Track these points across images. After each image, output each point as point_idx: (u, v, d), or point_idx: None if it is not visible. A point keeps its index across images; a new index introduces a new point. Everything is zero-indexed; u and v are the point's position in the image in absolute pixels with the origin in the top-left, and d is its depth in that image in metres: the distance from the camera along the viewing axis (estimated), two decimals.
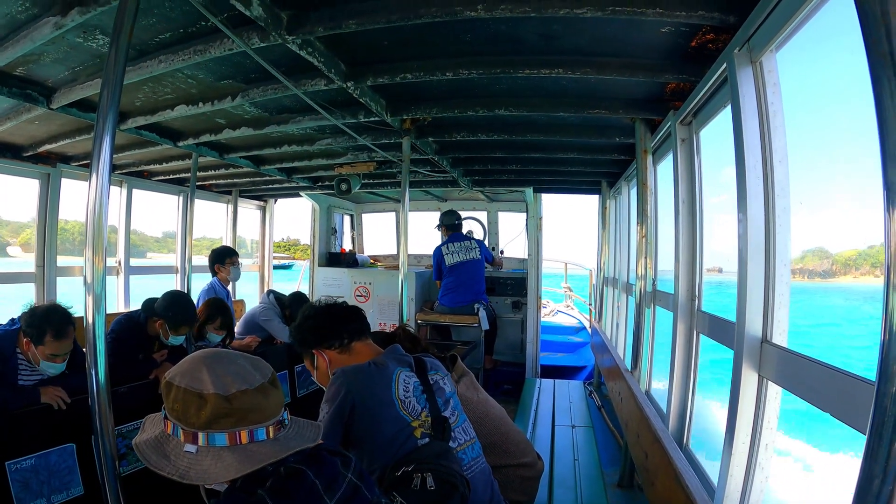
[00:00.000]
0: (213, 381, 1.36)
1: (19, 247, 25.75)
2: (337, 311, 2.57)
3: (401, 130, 4.48)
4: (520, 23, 2.77)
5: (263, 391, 1.41)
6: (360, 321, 2.58)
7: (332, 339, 2.49)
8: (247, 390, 1.37)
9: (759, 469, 2.24)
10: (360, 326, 2.56)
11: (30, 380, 3.31)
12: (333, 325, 2.51)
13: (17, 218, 13.43)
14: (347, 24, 2.61)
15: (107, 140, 1.93)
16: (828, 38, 2.19)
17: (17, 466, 2.82)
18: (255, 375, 1.42)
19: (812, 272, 23.79)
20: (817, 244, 24.10)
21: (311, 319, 2.55)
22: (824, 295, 29.99)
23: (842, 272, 23.74)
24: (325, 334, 2.50)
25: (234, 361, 1.46)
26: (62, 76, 3.58)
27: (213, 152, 5.70)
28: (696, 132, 3.38)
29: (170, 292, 4.36)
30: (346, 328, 2.50)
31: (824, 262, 23.39)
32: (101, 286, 1.96)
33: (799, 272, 24.65)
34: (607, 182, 7.18)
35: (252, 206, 9.63)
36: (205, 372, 1.39)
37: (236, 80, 3.66)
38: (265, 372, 1.46)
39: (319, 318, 2.54)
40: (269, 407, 1.41)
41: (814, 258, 23.43)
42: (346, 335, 2.49)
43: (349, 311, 2.59)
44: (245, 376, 1.41)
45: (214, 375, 1.38)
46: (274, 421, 1.41)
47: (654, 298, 4.19)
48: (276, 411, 1.43)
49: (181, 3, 2.55)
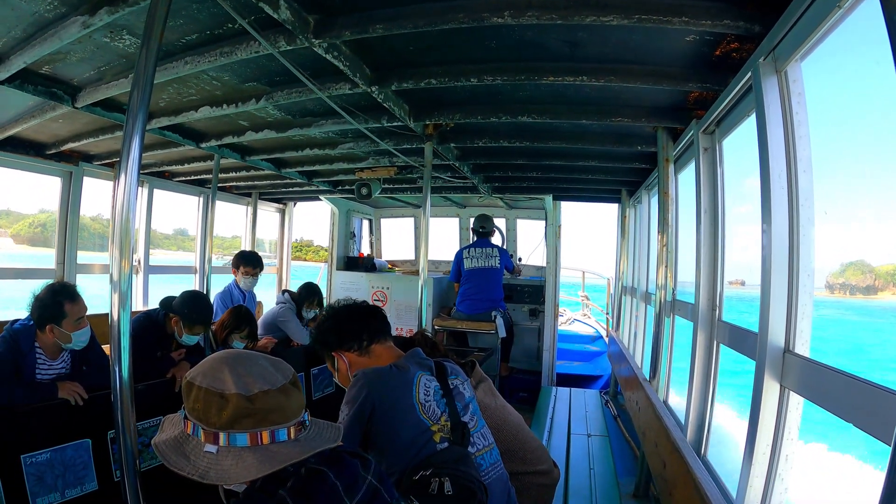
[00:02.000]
0: (234, 382, 1.36)
1: (10, 238, 25.92)
2: (356, 311, 2.56)
3: (423, 135, 4.50)
4: (545, 30, 2.78)
5: (285, 392, 1.41)
6: (379, 321, 2.55)
7: (351, 340, 2.48)
8: (269, 390, 1.37)
9: (779, 480, 2.22)
10: (379, 327, 2.53)
11: (47, 375, 3.35)
12: (352, 326, 2.50)
13: (18, 209, 13.69)
14: (374, 29, 2.63)
15: (136, 141, 1.95)
16: (854, 48, 2.18)
17: (32, 460, 2.84)
18: (276, 376, 1.42)
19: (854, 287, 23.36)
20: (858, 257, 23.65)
21: (330, 320, 2.55)
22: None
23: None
24: (344, 336, 2.49)
25: (256, 362, 1.45)
26: (88, 75, 3.64)
27: (234, 154, 5.76)
28: (718, 141, 3.37)
29: (188, 291, 4.39)
30: (366, 329, 2.49)
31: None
32: (126, 284, 1.99)
33: (840, 287, 24.16)
34: (627, 191, 7.16)
35: (271, 209, 9.71)
36: (226, 372, 1.39)
37: (261, 82, 3.71)
38: (286, 373, 1.46)
39: (338, 319, 2.54)
40: (290, 407, 1.41)
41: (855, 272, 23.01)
42: (366, 337, 2.48)
43: (368, 311, 2.58)
44: (267, 377, 1.40)
45: (236, 375, 1.38)
46: (295, 422, 1.40)
47: (673, 308, 4.16)
48: (298, 412, 1.43)
49: (209, 4, 2.59)
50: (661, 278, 4.01)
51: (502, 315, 7.27)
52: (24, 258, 5.78)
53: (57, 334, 3.27)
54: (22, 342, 3.26)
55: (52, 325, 3.26)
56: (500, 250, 7.65)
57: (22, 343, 3.26)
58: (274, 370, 1.44)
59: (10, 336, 3.26)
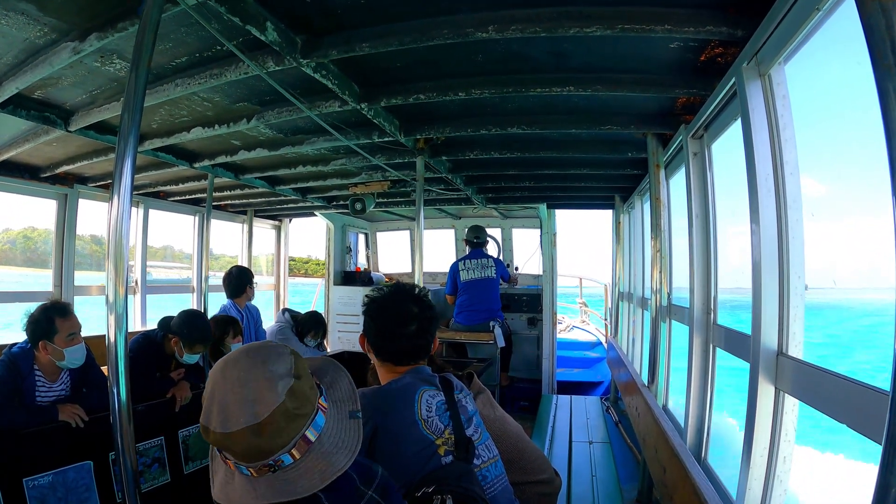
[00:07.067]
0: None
1: None
2: (384, 328, 2.37)
3: (414, 150, 4.53)
4: (531, 42, 2.80)
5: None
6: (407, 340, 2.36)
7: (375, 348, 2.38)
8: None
9: (777, 482, 2.23)
10: (396, 349, 2.36)
11: (47, 397, 3.35)
12: (377, 338, 2.37)
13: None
14: (361, 48, 2.66)
15: (128, 164, 1.97)
16: (837, 49, 2.20)
17: (34, 483, 2.85)
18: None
19: None
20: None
21: (373, 322, 2.38)
22: None
23: None
24: (373, 340, 2.37)
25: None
26: (80, 99, 3.66)
27: (228, 173, 5.78)
28: (707, 146, 3.39)
29: (186, 311, 4.40)
30: (388, 348, 2.35)
31: None
32: (122, 306, 2.00)
33: None
34: (620, 196, 7.19)
35: (267, 226, 9.73)
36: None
37: (251, 102, 3.73)
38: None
39: (378, 323, 2.38)
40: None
41: None
42: (384, 355, 2.37)
43: (399, 332, 2.36)
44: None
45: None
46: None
47: (669, 312, 4.17)
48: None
49: (197, 28, 2.61)
50: (656, 283, 4.03)
51: (500, 325, 7.26)
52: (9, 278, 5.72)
53: (50, 351, 3.28)
54: (21, 365, 3.27)
55: (45, 341, 3.27)
56: (496, 261, 7.66)
57: (21, 366, 3.27)
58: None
59: (8, 359, 3.27)
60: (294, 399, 1.28)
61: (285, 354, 1.34)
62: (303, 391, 1.31)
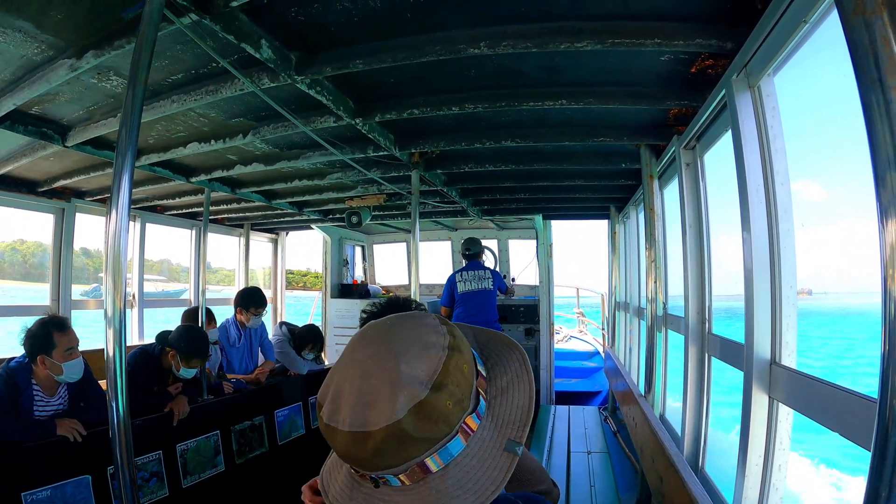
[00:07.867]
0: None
1: None
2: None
3: (409, 163, 4.55)
4: (522, 57, 2.83)
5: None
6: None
7: None
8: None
9: (773, 490, 2.24)
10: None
11: (45, 412, 3.35)
12: None
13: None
14: (355, 64, 2.68)
15: (125, 179, 1.99)
16: (826, 59, 2.22)
17: (32, 497, 2.85)
18: None
19: None
20: None
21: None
22: None
23: None
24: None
25: None
26: (77, 115, 3.68)
27: (225, 188, 5.80)
28: (699, 156, 3.42)
29: (184, 325, 4.40)
30: None
31: None
32: (120, 320, 2.01)
33: None
34: (615, 207, 7.22)
35: (264, 239, 9.74)
36: None
37: (247, 118, 3.76)
38: None
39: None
40: None
41: None
42: None
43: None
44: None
45: None
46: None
47: (665, 322, 4.19)
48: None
49: (192, 46, 2.63)
50: (651, 293, 4.04)
51: None
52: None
53: (48, 365, 3.28)
54: (19, 379, 3.27)
55: (43, 355, 3.27)
56: (493, 272, 7.65)
57: (19, 380, 3.27)
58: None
59: (6, 374, 3.27)
60: (418, 419, 0.89)
61: (435, 348, 0.93)
62: (438, 409, 0.90)
